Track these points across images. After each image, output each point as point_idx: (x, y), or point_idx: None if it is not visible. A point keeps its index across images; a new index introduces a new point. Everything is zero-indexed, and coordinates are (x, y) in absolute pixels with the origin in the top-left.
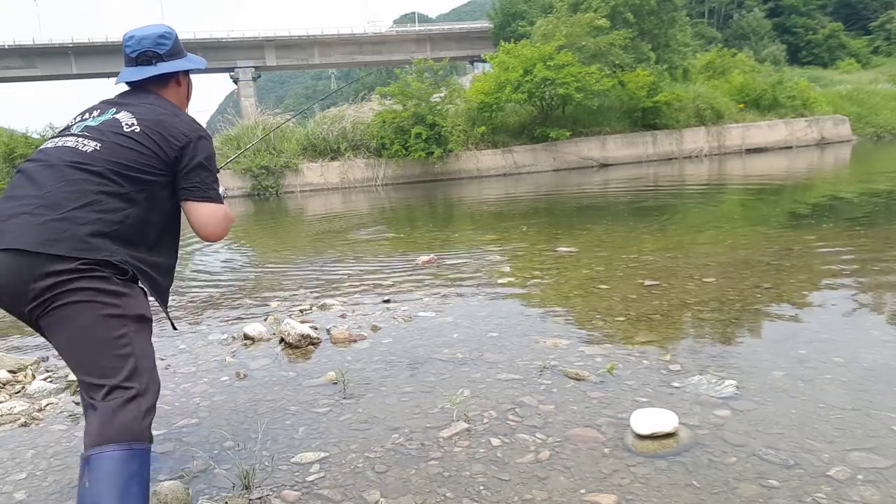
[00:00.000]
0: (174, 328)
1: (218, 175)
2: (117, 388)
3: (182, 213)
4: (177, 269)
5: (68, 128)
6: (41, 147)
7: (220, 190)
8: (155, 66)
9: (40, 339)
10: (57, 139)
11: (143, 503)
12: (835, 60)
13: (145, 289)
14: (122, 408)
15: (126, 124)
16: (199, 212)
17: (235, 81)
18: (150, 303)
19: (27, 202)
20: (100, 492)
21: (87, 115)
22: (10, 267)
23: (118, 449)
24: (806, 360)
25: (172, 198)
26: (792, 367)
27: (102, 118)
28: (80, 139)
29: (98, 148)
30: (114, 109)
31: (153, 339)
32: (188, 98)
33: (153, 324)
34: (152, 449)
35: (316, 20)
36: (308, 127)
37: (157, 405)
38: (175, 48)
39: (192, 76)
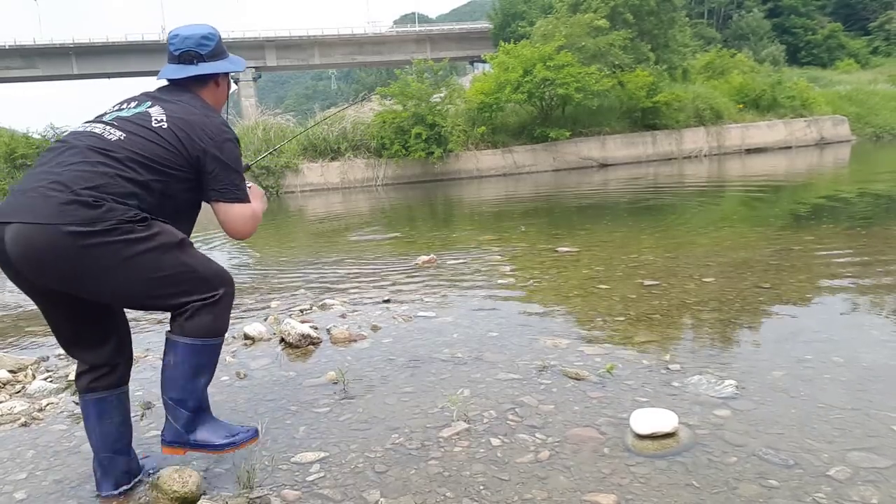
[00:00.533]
0: None
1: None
2: (194, 301)
3: (197, 211)
4: None
5: (103, 115)
6: (73, 129)
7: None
8: (196, 65)
9: (40, 340)
10: (87, 124)
11: (207, 383)
12: (834, 61)
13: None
14: (202, 310)
15: (155, 119)
16: (228, 212)
17: (236, 82)
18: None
19: (43, 178)
20: (177, 372)
21: (123, 105)
22: (26, 237)
23: (197, 342)
24: (805, 359)
25: (188, 192)
26: (791, 366)
27: (136, 110)
28: (108, 127)
29: (122, 138)
30: (149, 103)
31: (152, 339)
32: (227, 98)
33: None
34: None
35: (316, 21)
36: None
37: (158, 404)
38: (217, 49)
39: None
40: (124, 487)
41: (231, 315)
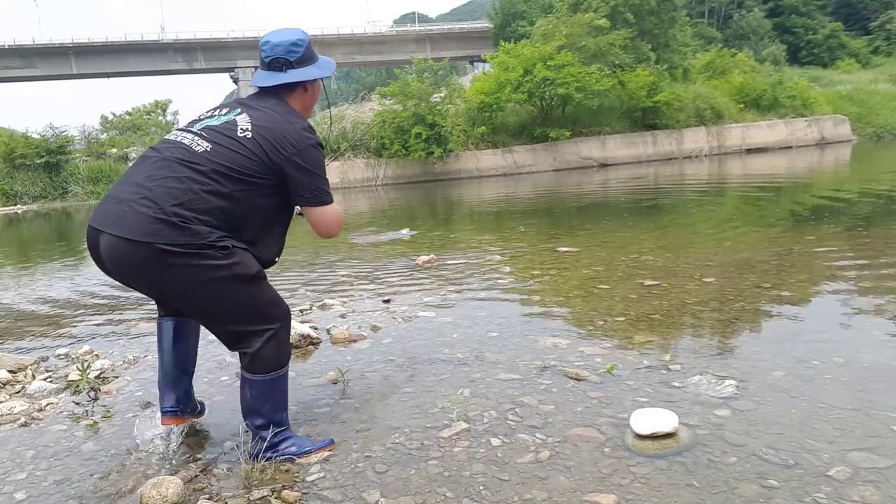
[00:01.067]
0: None
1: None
2: (254, 334)
3: (288, 214)
4: None
5: (194, 122)
6: (166, 136)
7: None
8: (285, 72)
9: (40, 339)
10: (178, 132)
11: (286, 403)
12: (835, 60)
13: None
14: (266, 345)
15: (241, 128)
16: (316, 215)
17: (236, 81)
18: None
19: (136, 191)
20: (257, 403)
21: (214, 113)
22: (117, 250)
23: (269, 377)
24: (806, 359)
25: (273, 197)
26: (792, 366)
27: (225, 118)
28: (197, 138)
29: (209, 149)
30: (238, 110)
31: (152, 340)
32: (316, 100)
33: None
34: (156, 446)
35: (316, 20)
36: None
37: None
38: (306, 55)
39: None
40: (181, 407)
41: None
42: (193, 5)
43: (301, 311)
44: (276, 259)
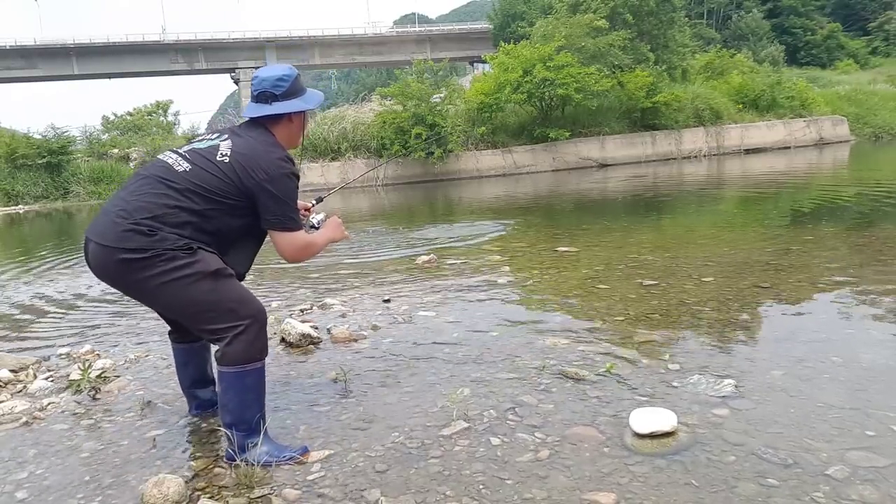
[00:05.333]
0: None
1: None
2: (224, 330)
3: (259, 233)
4: None
5: (184, 145)
6: (157, 155)
7: (319, 217)
8: (270, 105)
9: (40, 339)
10: (168, 153)
11: (259, 404)
12: (833, 61)
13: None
14: (234, 340)
15: (221, 153)
16: (278, 240)
17: (236, 82)
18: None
19: (118, 204)
20: (226, 398)
21: (204, 137)
22: (97, 256)
23: (235, 370)
24: (804, 359)
25: (245, 217)
26: (790, 366)
27: (211, 143)
28: (180, 159)
29: (188, 170)
30: (225, 136)
31: (153, 340)
32: (302, 130)
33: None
34: (156, 444)
35: (316, 21)
36: (308, 127)
37: (159, 403)
38: (292, 88)
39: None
40: (204, 408)
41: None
42: (194, 6)
43: (302, 310)
44: (244, 274)
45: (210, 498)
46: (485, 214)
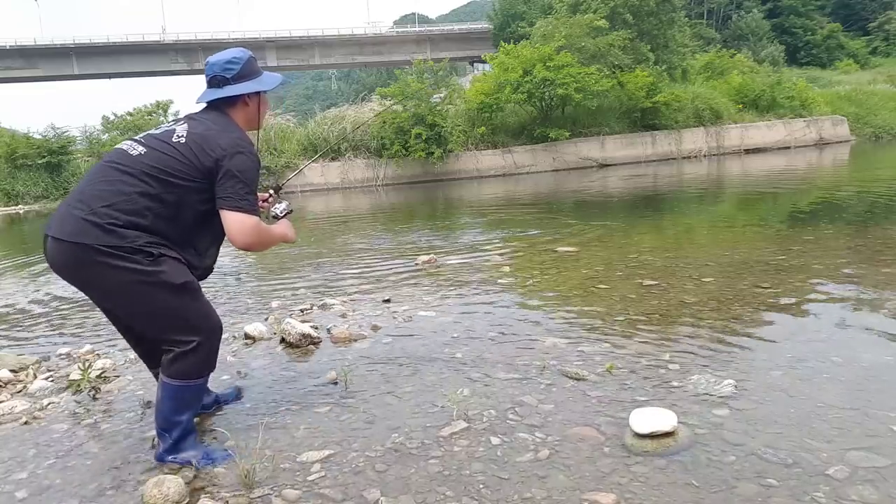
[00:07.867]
0: None
1: (254, 189)
2: (178, 342)
3: (220, 224)
4: None
5: (148, 131)
6: (116, 145)
7: (282, 206)
8: (222, 88)
9: (42, 339)
10: (125, 141)
11: (191, 412)
12: (833, 61)
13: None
14: (187, 355)
15: (177, 135)
16: (228, 220)
17: None
18: None
19: (75, 196)
20: (163, 405)
21: (162, 124)
22: (54, 250)
23: (179, 383)
24: (804, 359)
25: (204, 204)
26: (790, 366)
27: (167, 128)
28: (135, 144)
29: (143, 153)
30: (182, 121)
31: None
32: (260, 113)
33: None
34: (158, 444)
35: (316, 21)
36: (308, 127)
37: None
38: (244, 71)
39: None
40: (203, 411)
41: (233, 314)
42: (195, 6)
43: (302, 310)
44: (210, 266)
45: (210, 498)
46: (486, 216)
